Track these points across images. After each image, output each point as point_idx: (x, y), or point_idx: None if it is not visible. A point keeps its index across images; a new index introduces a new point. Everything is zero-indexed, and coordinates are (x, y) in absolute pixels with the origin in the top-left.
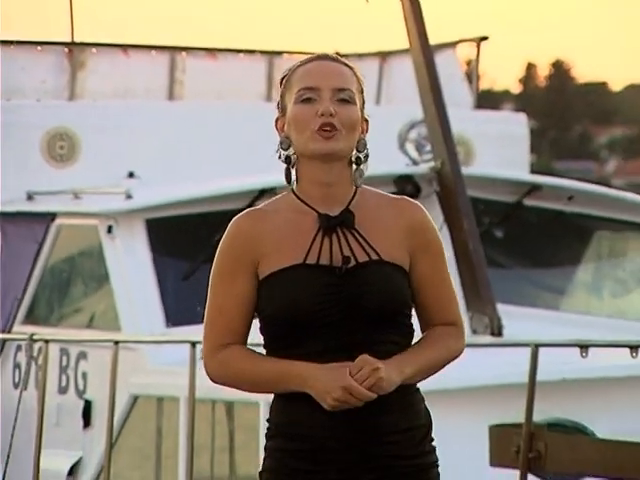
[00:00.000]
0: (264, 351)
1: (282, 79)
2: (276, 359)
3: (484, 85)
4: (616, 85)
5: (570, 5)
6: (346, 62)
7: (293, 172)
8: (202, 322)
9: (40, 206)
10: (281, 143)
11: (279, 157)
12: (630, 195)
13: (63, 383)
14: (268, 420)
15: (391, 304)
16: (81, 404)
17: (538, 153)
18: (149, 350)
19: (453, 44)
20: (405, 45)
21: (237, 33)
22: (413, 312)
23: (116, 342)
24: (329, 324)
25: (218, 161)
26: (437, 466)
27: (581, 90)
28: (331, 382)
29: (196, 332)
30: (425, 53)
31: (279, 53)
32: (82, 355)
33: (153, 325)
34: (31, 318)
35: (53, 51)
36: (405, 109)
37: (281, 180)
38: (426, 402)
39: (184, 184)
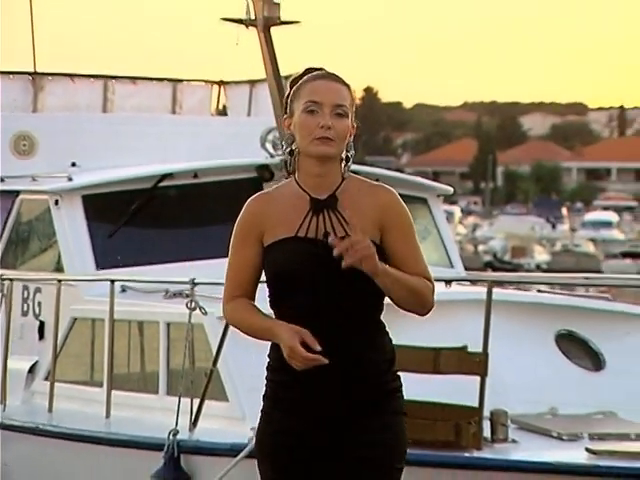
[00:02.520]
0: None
1: (291, 86)
2: (262, 315)
3: None
4: (408, 103)
5: (375, 46)
6: (344, 81)
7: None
8: (122, 267)
9: (8, 186)
10: (287, 139)
11: (284, 149)
12: (417, 178)
13: (25, 309)
14: (268, 355)
15: (359, 269)
16: (37, 324)
17: (355, 151)
18: (84, 286)
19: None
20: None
21: (150, 65)
22: None
23: (59, 280)
24: (310, 284)
25: (135, 154)
26: (400, 391)
27: (384, 107)
28: (284, 341)
29: (116, 274)
30: (277, 81)
31: (180, 80)
32: (38, 289)
33: (86, 268)
34: (2, 264)
35: (21, 78)
36: (266, 119)
37: (176, 168)
38: None
39: (110, 171)
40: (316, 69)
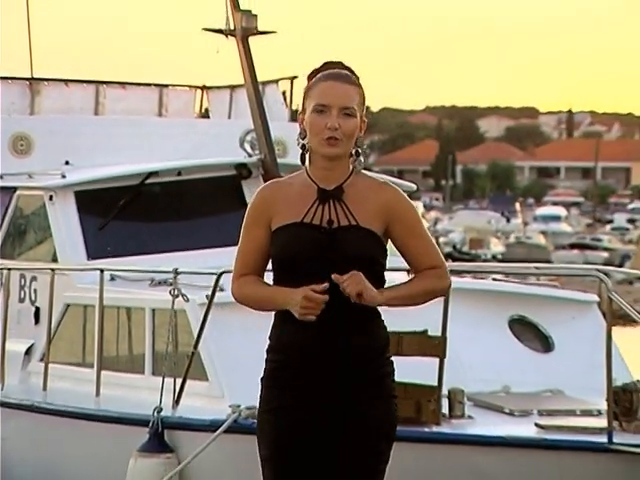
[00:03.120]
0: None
1: (309, 79)
2: (269, 286)
3: (294, 107)
4: (374, 107)
5: (344, 54)
6: (352, 79)
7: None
8: (111, 257)
9: (7, 182)
10: (300, 133)
11: (298, 143)
12: (383, 176)
13: (21, 296)
14: (269, 337)
15: (357, 257)
16: (33, 309)
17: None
18: (76, 275)
19: (276, 80)
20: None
21: (139, 72)
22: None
23: (53, 270)
24: (312, 266)
25: (124, 154)
26: (392, 376)
27: None
28: (297, 296)
29: (105, 264)
30: (254, 86)
31: (166, 85)
32: (34, 278)
33: (78, 259)
34: (1, 255)
35: (19, 83)
36: (245, 122)
37: (161, 166)
38: None
39: (100, 169)
40: (334, 63)
